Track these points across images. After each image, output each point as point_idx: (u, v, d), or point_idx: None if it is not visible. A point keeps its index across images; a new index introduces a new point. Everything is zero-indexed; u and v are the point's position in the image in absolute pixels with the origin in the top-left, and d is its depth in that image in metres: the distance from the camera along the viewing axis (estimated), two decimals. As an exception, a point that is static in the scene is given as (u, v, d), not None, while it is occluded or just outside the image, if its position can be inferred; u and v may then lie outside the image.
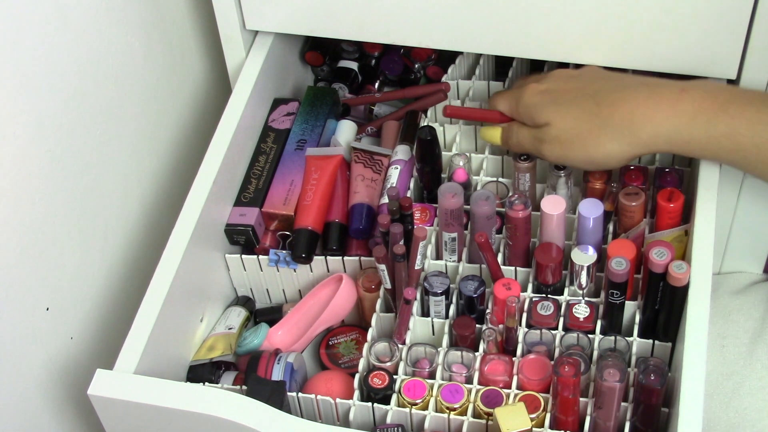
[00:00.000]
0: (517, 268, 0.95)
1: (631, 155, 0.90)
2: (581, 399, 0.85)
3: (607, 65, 1.00)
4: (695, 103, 0.87)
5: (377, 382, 0.88)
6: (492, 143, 1.01)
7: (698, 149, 0.88)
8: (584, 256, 0.90)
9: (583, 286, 0.92)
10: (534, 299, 0.92)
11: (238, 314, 1.02)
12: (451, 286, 0.94)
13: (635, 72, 0.98)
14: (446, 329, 0.93)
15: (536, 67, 1.14)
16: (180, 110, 1.17)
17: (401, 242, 0.90)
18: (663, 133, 0.88)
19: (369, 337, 0.92)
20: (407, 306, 0.91)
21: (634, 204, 0.93)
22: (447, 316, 0.94)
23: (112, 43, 1.01)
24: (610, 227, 0.97)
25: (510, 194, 0.98)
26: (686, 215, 0.94)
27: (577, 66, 0.98)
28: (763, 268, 1.16)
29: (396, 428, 0.87)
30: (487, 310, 0.93)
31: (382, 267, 0.91)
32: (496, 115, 0.99)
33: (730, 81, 0.98)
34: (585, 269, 0.90)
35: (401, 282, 0.91)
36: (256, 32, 1.09)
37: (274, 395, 0.87)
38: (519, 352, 0.90)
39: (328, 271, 1.02)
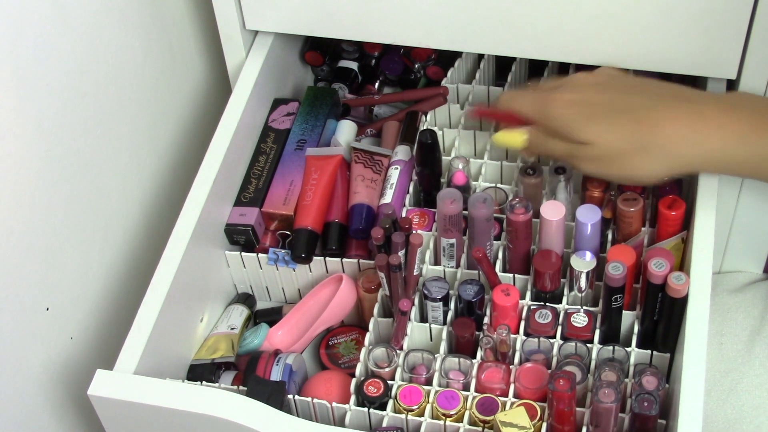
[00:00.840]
0: (516, 276, 0.95)
1: (673, 174, 0.88)
2: (578, 409, 0.84)
3: (606, 65, 1.00)
4: (742, 122, 0.83)
5: (372, 390, 0.88)
6: (511, 148, 0.96)
7: (747, 169, 0.85)
8: (583, 262, 0.89)
9: (583, 290, 0.92)
10: (532, 307, 0.92)
11: (240, 313, 1.02)
12: (449, 292, 0.94)
13: (636, 72, 0.98)
14: (444, 335, 0.93)
15: (536, 67, 1.14)
16: (180, 110, 1.17)
17: (399, 252, 0.90)
18: (709, 155, 0.84)
19: (366, 342, 0.92)
20: (403, 317, 0.91)
21: (632, 210, 0.93)
22: (445, 322, 0.94)
23: (112, 43, 1.01)
24: (609, 235, 0.97)
25: (511, 198, 0.98)
26: (686, 222, 0.94)
27: (585, 67, 0.96)
28: (763, 267, 1.16)
29: (395, 431, 0.87)
30: (485, 320, 0.93)
31: (382, 274, 0.92)
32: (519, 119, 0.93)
33: (730, 81, 0.98)
34: (584, 275, 0.90)
35: (398, 292, 0.91)
36: (256, 32, 1.09)
37: (273, 395, 0.87)
38: (516, 360, 0.90)
39: (327, 271, 1.02)
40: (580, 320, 0.91)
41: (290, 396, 0.89)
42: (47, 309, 0.95)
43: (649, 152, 0.85)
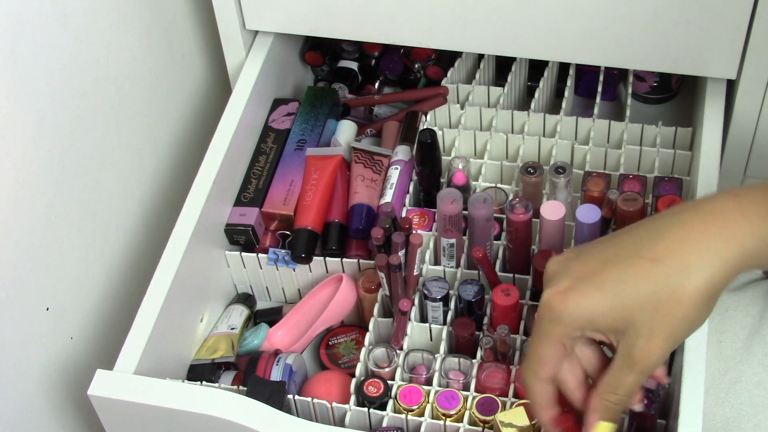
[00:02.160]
0: (516, 276, 0.95)
1: (730, 279, 0.71)
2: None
3: (607, 65, 1.00)
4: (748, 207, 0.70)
5: (372, 390, 0.88)
6: None
7: None
8: None
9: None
10: (532, 307, 0.92)
11: (240, 313, 1.02)
12: (449, 292, 0.94)
13: (635, 70, 0.98)
14: (444, 335, 0.93)
15: (536, 67, 1.14)
16: (180, 110, 1.17)
17: (399, 252, 0.90)
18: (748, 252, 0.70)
19: (366, 342, 0.92)
20: (403, 317, 0.91)
21: (632, 209, 0.93)
22: (445, 322, 0.94)
23: (113, 43, 1.01)
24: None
25: (511, 198, 0.98)
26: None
27: (585, 67, 0.91)
28: (762, 268, 1.16)
29: (395, 431, 0.87)
30: (485, 320, 0.93)
31: (382, 274, 0.92)
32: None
33: (730, 81, 0.98)
34: None
35: (398, 292, 0.91)
36: (256, 32, 1.09)
37: (273, 395, 0.87)
38: (516, 360, 0.90)
39: (327, 271, 1.02)
40: (580, 320, 0.91)
41: (290, 396, 0.89)
42: (47, 309, 0.95)
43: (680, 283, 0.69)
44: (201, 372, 0.96)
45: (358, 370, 0.91)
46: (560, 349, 0.71)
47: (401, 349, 0.92)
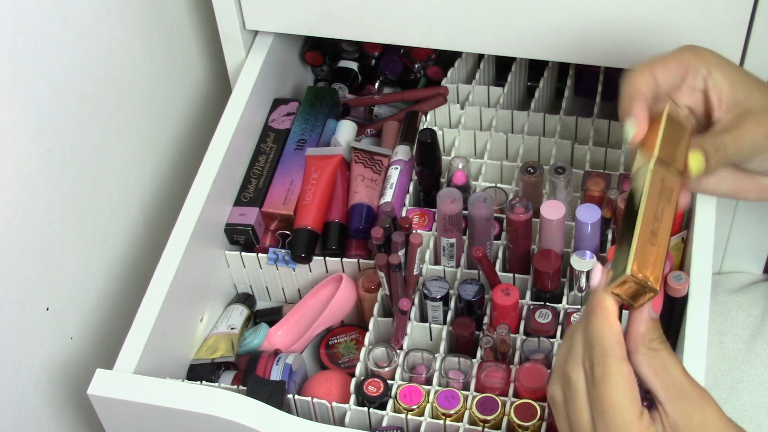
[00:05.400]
0: (516, 275, 0.95)
1: None
2: None
3: (607, 65, 1.00)
4: None
5: (372, 390, 0.88)
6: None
7: None
8: (584, 262, 0.89)
9: (583, 289, 0.92)
10: (532, 307, 0.92)
11: (240, 313, 1.02)
12: (449, 291, 0.94)
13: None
14: (444, 335, 0.93)
15: (536, 67, 1.14)
16: (180, 110, 1.17)
17: (399, 252, 0.90)
18: None
19: (366, 341, 0.92)
20: (403, 316, 0.91)
21: None
22: (445, 322, 0.94)
23: (112, 43, 1.01)
24: (609, 235, 0.97)
25: (511, 197, 0.98)
26: (686, 222, 0.93)
27: (586, 67, 0.93)
28: (762, 268, 1.16)
29: (395, 431, 0.87)
30: (485, 319, 0.93)
31: (382, 273, 0.92)
32: None
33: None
34: (584, 274, 0.90)
35: (398, 291, 0.91)
36: (256, 32, 1.09)
37: (273, 395, 0.87)
38: (516, 359, 0.90)
39: (327, 271, 1.02)
40: (580, 320, 0.91)
41: (290, 396, 0.89)
42: (47, 309, 0.95)
43: None
44: (201, 372, 0.96)
45: (358, 369, 0.91)
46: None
47: (401, 348, 0.92)
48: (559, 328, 0.91)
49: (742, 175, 0.83)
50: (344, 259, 1.00)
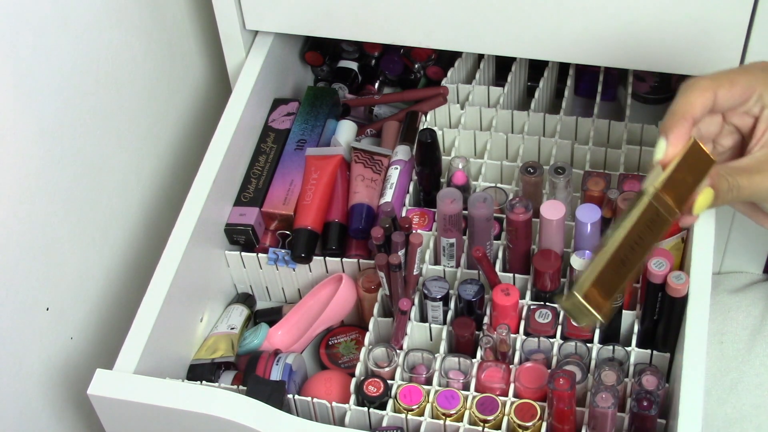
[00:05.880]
0: (516, 275, 0.95)
1: None
2: (578, 408, 0.84)
3: (607, 65, 1.00)
4: None
5: (372, 390, 0.88)
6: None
7: None
8: (583, 262, 0.89)
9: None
10: (532, 307, 0.92)
11: (240, 313, 1.02)
12: (449, 291, 0.94)
13: (637, 70, 0.98)
14: (444, 335, 0.93)
15: (536, 67, 1.14)
16: (180, 110, 1.17)
17: (399, 252, 0.90)
18: None
19: (366, 341, 0.92)
20: (403, 316, 0.91)
21: None
22: (445, 322, 0.94)
23: (112, 43, 1.01)
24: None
25: (511, 197, 0.98)
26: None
27: (585, 67, 0.92)
28: (762, 268, 1.16)
29: (395, 431, 0.87)
30: (485, 319, 0.93)
31: (382, 273, 0.92)
32: None
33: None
34: None
35: (397, 291, 0.91)
36: (256, 32, 1.09)
37: (273, 395, 0.87)
38: (516, 359, 0.90)
39: (327, 271, 1.02)
40: (580, 320, 0.91)
41: (290, 396, 0.89)
42: (47, 309, 0.95)
43: None
44: (201, 372, 0.96)
45: (358, 369, 0.91)
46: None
47: (401, 348, 0.92)
48: (559, 328, 0.91)
49: (758, 210, 0.82)
50: (344, 259, 1.00)
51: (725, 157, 0.83)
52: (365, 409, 0.87)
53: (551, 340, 0.90)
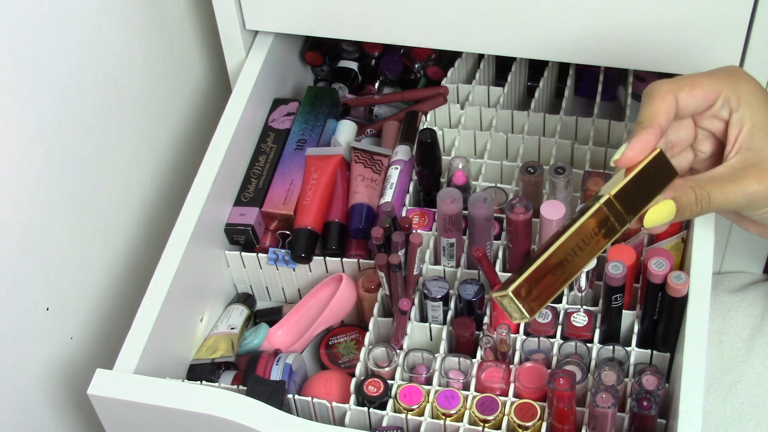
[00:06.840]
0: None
1: None
2: (578, 408, 0.84)
3: (607, 65, 1.00)
4: None
5: (372, 390, 0.88)
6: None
7: None
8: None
9: (583, 289, 0.92)
10: None
11: (240, 313, 1.02)
12: (449, 291, 0.94)
13: (636, 70, 0.98)
14: (444, 335, 0.93)
15: (536, 67, 1.14)
16: (180, 110, 1.17)
17: (399, 252, 0.90)
18: None
19: (366, 341, 0.92)
20: (403, 316, 0.91)
21: None
22: (445, 322, 0.94)
23: (112, 43, 1.01)
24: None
25: (511, 197, 0.98)
26: (685, 222, 0.93)
27: (585, 67, 0.93)
28: (763, 268, 1.16)
29: (395, 431, 0.87)
30: (485, 319, 0.93)
31: (382, 273, 0.92)
32: None
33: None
34: (584, 274, 0.90)
35: (397, 291, 0.91)
36: (256, 32, 1.09)
37: (273, 395, 0.87)
38: (516, 359, 0.90)
39: (327, 271, 1.02)
40: (580, 320, 0.91)
41: (290, 396, 0.89)
42: (47, 309, 0.95)
43: None
44: (201, 372, 0.96)
45: (358, 369, 0.91)
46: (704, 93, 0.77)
47: (401, 348, 0.92)
48: (559, 328, 0.91)
49: (743, 216, 0.81)
50: (344, 259, 1.00)
51: (708, 164, 0.82)
52: (365, 409, 0.87)
53: (551, 340, 0.90)
